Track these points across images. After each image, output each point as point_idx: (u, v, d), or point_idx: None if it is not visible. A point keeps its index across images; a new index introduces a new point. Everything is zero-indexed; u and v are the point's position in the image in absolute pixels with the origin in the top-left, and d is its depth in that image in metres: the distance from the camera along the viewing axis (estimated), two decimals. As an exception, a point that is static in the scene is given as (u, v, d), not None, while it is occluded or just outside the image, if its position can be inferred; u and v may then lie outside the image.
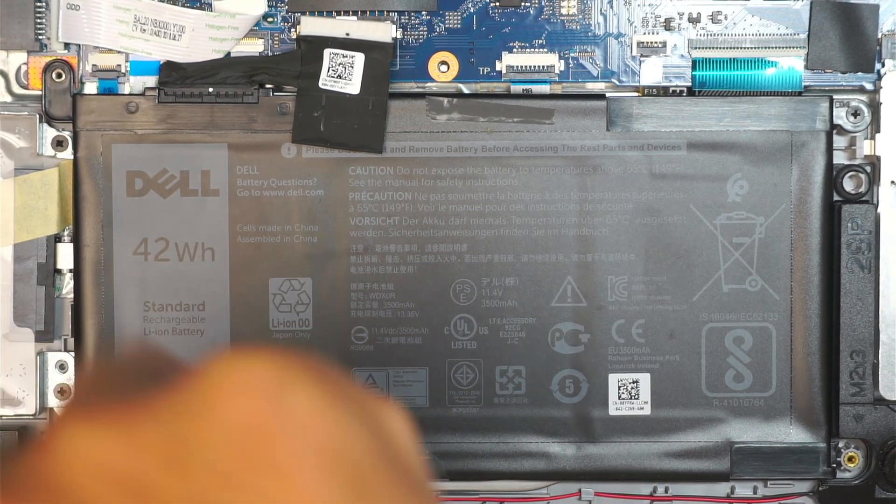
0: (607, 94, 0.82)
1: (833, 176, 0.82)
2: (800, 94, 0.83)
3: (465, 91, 0.84)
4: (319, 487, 0.28)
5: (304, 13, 0.83)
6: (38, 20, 0.83)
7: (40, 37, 0.83)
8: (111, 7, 0.82)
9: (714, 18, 0.83)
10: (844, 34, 0.82)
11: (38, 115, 0.84)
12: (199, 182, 0.82)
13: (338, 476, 0.29)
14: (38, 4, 0.83)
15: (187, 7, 0.83)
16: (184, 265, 0.82)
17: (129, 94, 0.83)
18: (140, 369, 0.33)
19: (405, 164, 0.82)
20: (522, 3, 0.84)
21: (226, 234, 0.82)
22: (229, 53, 0.83)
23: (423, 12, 0.84)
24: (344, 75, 0.81)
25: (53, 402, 0.85)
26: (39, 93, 0.83)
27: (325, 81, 0.81)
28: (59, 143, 0.84)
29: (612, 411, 0.82)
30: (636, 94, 0.84)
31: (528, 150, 0.82)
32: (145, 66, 0.83)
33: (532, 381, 0.82)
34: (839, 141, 0.83)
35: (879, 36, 0.83)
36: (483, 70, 0.84)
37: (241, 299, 0.82)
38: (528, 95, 0.83)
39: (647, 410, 0.82)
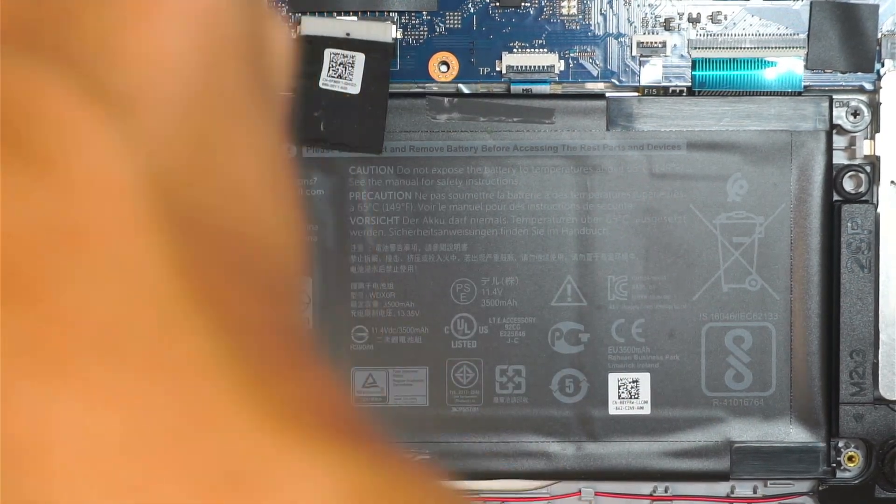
0: (607, 94, 0.83)
1: (833, 176, 0.82)
2: (799, 94, 0.83)
3: (466, 91, 0.84)
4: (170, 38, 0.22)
5: (304, 13, 0.83)
6: (39, 20, 0.83)
7: (41, 37, 0.83)
8: (112, 7, 0.82)
9: (714, 18, 0.84)
10: (844, 34, 0.83)
11: (38, 115, 0.84)
12: (199, 182, 0.82)
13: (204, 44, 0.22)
14: (39, 4, 0.83)
15: (188, 7, 0.83)
16: (184, 265, 0.82)
17: (130, 94, 0.83)
18: None
19: (405, 163, 0.82)
20: (522, 4, 0.84)
21: (226, 233, 0.82)
22: (230, 53, 0.83)
23: (424, 12, 0.84)
24: (344, 75, 0.81)
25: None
26: (40, 93, 0.83)
27: (326, 81, 0.81)
28: (59, 143, 0.84)
29: (612, 411, 0.82)
30: (636, 94, 0.84)
31: (528, 150, 0.82)
32: (146, 66, 0.83)
33: (532, 380, 0.82)
34: (839, 141, 0.83)
35: (879, 36, 0.83)
36: (483, 70, 0.84)
37: (241, 299, 0.82)
38: (528, 95, 0.83)
39: (646, 410, 0.82)
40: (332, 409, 0.21)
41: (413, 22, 0.84)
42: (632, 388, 0.82)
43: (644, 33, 0.84)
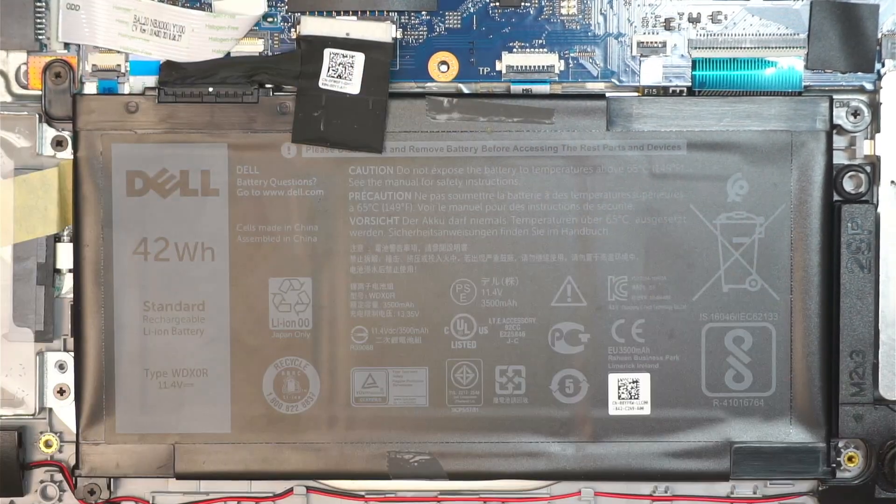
0: (607, 94, 0.82)
1: (833, 176, 0.82)
2: (800, 94, 0.83)
3: (465, 91, 0.84)
4: None
5: (304, 13, 0.83)
6: (38, 20, 0.83)
7: (40, 37, 0.83)
8: (111, 7, 0.82)
9: (714, 18, 0.83)
10: (844, 34, 0.83)
11: (38, 115, 0.84)
12: (198, 182, 0.82)
13: None
14: (38, 4, 0.83)
15: (187, 7, 0.83)
16: (184, 265, 0.82)
17: (129, 94, 0.83)
18: None
19: (405, 164, 0.81)
20: (522, 3, 0.84)
21: (226, 234, 0.82)
22: (229, 53, 0.83)
23: (423, 12, 0.84)
24: (344, 75, 0.81)
25: (53, 402, 0.85)
26: (39, 93, 0.83)
27: (325, 81, 0.81)
28: (58, 143, 0.84)
29: (612, 411, 0.82)
30: (636, 93, 0.84)
31: (528, 150, 0.82)
32: (145, 66, 0.83)
33: (532, 381, 0.82)
34: (839, 141, 0.83)
35: (879, 36, 0.83)
36: (483, 70, 0.84)
37: (241, 299, 0.82)
38: (528, 95, 0.83)
39: (646, 410, 0.82)
40: None
41: (413, 22, 0.84)
42: (632, 388, 0.82)
43: (644, 33, 0.84)
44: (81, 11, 0.82)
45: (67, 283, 0.84)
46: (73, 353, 0.84)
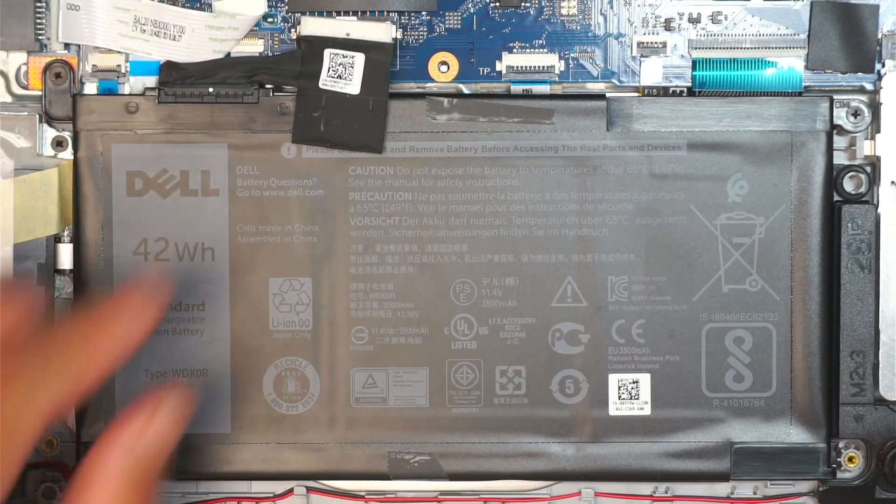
0: (607, 95, 0.83)
1: (833, 176, 0.82)
2: (800, 94, 0.83)
3: (465, 91, 0.84)
4: None
5: (304, 13, 0.83)
6: (38, 20, 0.83)
7: (40, 37, 0.83)
8: (111, 7, 0.82)
9: (714, 19, 0.83)
10: (844, 34, 0.83)
11: (38, 116, 0.84)
12: (198, 182, 0.82)
13: None
14: (38, 4, 0.83)
15: (187, 7, 0.83)
16: (184, 265, 0.82)
17: (129, 95, 0.83)
18: None
19: (405, 164, 0.82)
20: (522, 4, 0.84)
21: (226, 234, 0.82)
22: (229, 54, 0.83)
23: (423, 12, 0.84)
24: (344, 75, 0.81)
25: (53, 402, 0.85)
26: (39, 93, 0.83)
27: (325, 81, 0.81)
28: (59, 144, 0.84)
29: (612, 411, 0.82)
30: (636, 94, 0.84)
31: (528, 150, 0.82)
32: (145, 66, 0.83)
33: (532, 381, 0.82)
34: (839, 141, 0.83)
35: (879, 36, 0.83)
36: (483, 70, 0.84)
37: (241, 299, 0.82)
38: (528, 95, 0.83)
39: (647, 410, 0.82)
40: None
41: (413, 22, 0.84)
42: (632, 388, 0.82)
43: (644, 33, 0.84)
44: (81, 11, 0.82)
45: (68, 283, 0.84)
46: (73, 354, 0.84)
